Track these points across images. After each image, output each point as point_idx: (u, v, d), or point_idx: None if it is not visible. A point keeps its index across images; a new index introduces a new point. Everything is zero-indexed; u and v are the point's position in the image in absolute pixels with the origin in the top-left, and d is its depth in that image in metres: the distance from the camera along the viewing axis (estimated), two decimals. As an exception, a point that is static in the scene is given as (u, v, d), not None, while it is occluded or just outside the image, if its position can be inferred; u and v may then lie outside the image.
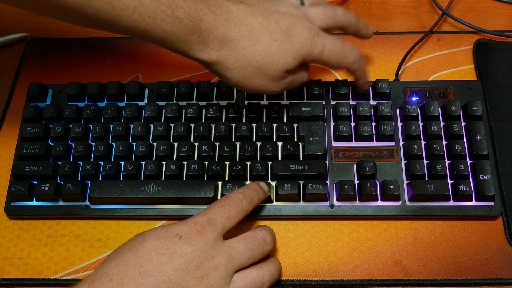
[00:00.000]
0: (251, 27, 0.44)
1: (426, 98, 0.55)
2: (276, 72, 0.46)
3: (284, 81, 0.47)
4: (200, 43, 0.43)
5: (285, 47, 0.45)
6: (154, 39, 0.42)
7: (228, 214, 0.43)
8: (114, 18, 0.40)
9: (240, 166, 0.51)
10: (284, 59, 0.45)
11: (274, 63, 0.45)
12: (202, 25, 0.42)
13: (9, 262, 0.50)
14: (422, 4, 0.66)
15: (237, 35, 0.43)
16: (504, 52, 0.60)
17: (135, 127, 0.54)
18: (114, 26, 0.41)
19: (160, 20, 0.40)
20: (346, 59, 0.49)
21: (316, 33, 0.46)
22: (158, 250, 0.39)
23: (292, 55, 0.45)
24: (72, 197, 0.51)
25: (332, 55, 0.47)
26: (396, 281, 0.48)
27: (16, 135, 0.56)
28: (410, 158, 0.52)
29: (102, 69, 0.62)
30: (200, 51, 0.43)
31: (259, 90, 0.47)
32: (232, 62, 0.44)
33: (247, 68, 0.45)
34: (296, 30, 0.45)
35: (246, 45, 0.44)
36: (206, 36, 0.42)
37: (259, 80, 0.46)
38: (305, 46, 0.46)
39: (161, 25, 0.41)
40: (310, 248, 0.50)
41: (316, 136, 0.52)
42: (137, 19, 0.40)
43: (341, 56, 0.48)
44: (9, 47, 0.64)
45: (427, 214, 0.50)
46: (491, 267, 0.49)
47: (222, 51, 0.44)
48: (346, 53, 0.48)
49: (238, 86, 0.46)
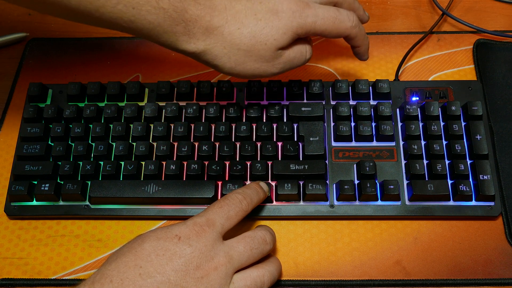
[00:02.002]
0: (235, 11, 0.43)
1: (426, 98, 0.55)
2: (267, 52, 0.44)
3: (280, 60, 0.46)
4: (186, 34, 0.42)
5: (272, 24, 0.44)
6: (140, 30, 0.42)
7: (228, 214, 0.43)
8: (99, 9, 0.39)
9: (240, 166, 0.51)
10: (272, 37, 0.44)
11: (262, 43, 0.44)
12: (187, 16, 0.41)
13: (9, 262, 0.50)
14: (422, 4, 0.66)
15: (222, 21, 0.43)
16: (504, 52, 0.60)
17: (135, 127, 0.54)
18: (99, 18, 0.40)
19: (145, 11, 0.40)
20: (344, 25, 0.46)
21: (305, 5, 0.45)
22: (157, 251, 0.39)
23: (280, 31, 0.44)
24: (72, 197, 0.51)
25: (328, 23, 0.46)
26: (396, 281, 0.48)
27: (16, 135, 0.56)
28: (410, 158, 0.52)
29: (102, 69, 0.62)
30: (186, 42, 0.43)
31: (256, 74, 0.46)
32: (220, 50, 0.43)
33: (237, 53, 0.44)
34: (283, 6, 0.44)
35: (231, 30, 0.43)
36: (192, 26, 0.42)
37: (252, 64, 0.45)
38: (293, 19, 0.44)
39: (146, 16, 0.40)
40: (310, 248, 0.50)
41: (316, 136, 0.52)
42: (122, 10, 0.40)
43: (337, 22, 0.46)
44: (9, 47, 0.64)
45: (427, 214, 0.50)
46: (491, 267, 0.49)
47: (209, 40, 0.43)
48: (343, 18, 0.46)
49: (233, 73, 0.45)
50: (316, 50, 0.62)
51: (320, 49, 0.62)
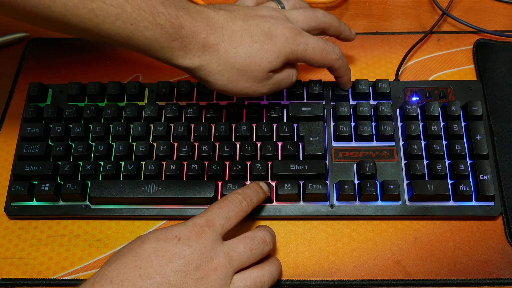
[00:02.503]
0: (231, 31, 0.44)
1: (426, 98, 0.55)
2: (259, 73, 0.46)
3: (269, 81, 0.47)
4: (182, 49, 0.43)
5: (267, 47, 0.45)
6: (138, 46, 0.42)
7: (227, 215, 0.43)
8: (98, 26, 0.40)
9: (240, 166, 0.51)
10: (266, 59, 0.45)
11: (256, 64, 0.45)
12: (183, 32, 0.42)
13: (9, 262, 0.50)
14: (422, 4, 0.66)
15: (218, 39, 0.44)
16: (504, 52, 0.60)
17: (135, 127, 0.54)
18: (97, 34, 0.41)
19: (143, 27, 0.41)
20: (329, 56, 0.49)
21: (298, 32, 0.47)
22: (157, 252, 0.39)
23: (274, 54, 0.45)
24: (72, 197, 0.51)
25: (316, 53, 0.48)
26: (396, 281, 0.48)
27: (16, 135, 0.56)
28: (410, 158, 0.52)
29: (102, 69, 0.62)
30: (182, 58, 0.44)
31: (245, 93, 0.47)
32: (214, 67, 0.44)
33: (230, 71, 0.45)
34: (277, 31, 0.46)
35: (227, 49, 0.44)
36: (188, 42, 0.43)
37: (244, 83, 0.46)
38: (287, 45, 0.46)
39: (143, 32, 0.41)
40: (310, 248, 0.50)
41: (316, 136, 0.52)
42: (120, 26, 0.40)
43: (324, 53, 0.48)
44: (9, 47, 0.64)
45: (427, 214, 0.50)
46: (491, 267, 0.49)
47: (204, 56, 0.44)
48: (329, 50, 0.49)
49: (224, 90, 0.46)
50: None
51: (320, 49, 0.62)
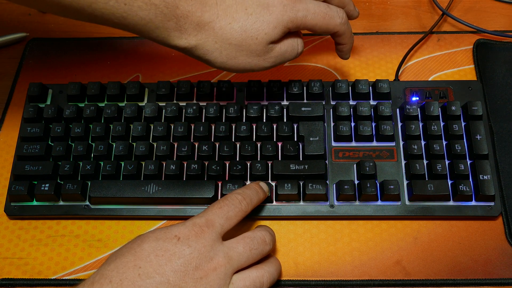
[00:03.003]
0: (226, 6, 0.43)
1: (426, 98, 0.55)
2: (258, 46, 0.44)
3: (271, 54, 0.46)
4: (177, 30, 0.42)
5: (262, 18, 0.44)
6: (132, 27, 0.42)
7: (227, 215, 0.43)
8: (91, 5, 0.40)
9: (240, 166, 0.51)
10: (263, 31, 0.44)
11: (253, 37, 0.44)
12: (178, 11, 0.42)
13: (9, 262, 0.50)
14: (422, 4, 0.66)
15: (212, 16, 0.43)
16: (504, 52, 0.60)
17: (135, 127, 0.54)
18: (91, 14, 0.41)
19: (137, 7, 0.41)
20: (333, 21, 0.47)
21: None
22: (156, 251, 0.39)
23: (271, 25, 0.44)
24: (72, 197, 0.51)
25: (318, 18, 0.46)
26: (396, 281, 0.48)
27: (16, 135, 0.56)
28: (410, 158, 0.52)
29: (102, 69, 0.62)
30: (178, 38, 0.43)
31: (247, 69, 0.46)
32: (211, 44, 0.44)
33: (228, 48, 0.44)
34: (274, 0, 0.44)
35: (222, 25, 0.43)
36: (183, 22, 0.42)
37: (244, 58, 0.45)
38: (285, 13, 0.44)
39: (137, 12, 0.41)
40: (310, 248, 0.50)
41: (316, 136, 0.52)
42: (114, 6, 0.40)
43: (327, 18, 0.46)
44: (9, 47, 0.64)
45: (427, 214, 0.50)
46: (491, 267, 0.49)
47: (200, 35, 0.43)
48: (333, 15, 0.47)
49: (225, 67, 0.45)
50: (316, 50, 0.62)
51: (320, 49, 0.62)
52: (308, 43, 0.62)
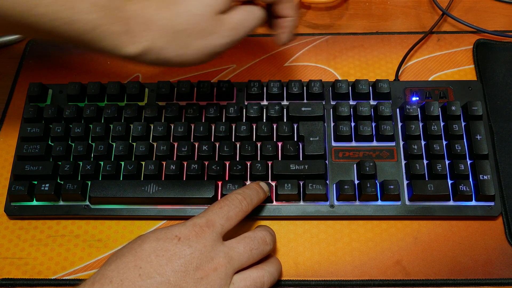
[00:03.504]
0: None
1: (426, 98, 0.55)
2: (206, 22, 0.41)
3: (225, 27, 0.42)
4: (126, 33, 0.40)
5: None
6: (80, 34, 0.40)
7: (227, 215, 0.43)
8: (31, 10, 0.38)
9: (240, 166, 0.51)
10: (203, 2, 0.41)
11: (197, 14, 0.41)
12: (125, 13, 0.40)
13: (9, 262, 0.50)
14: (422, 4, 0.66)
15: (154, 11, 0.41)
16: (504, 52, 0.60)
17: (135, 127, 0.54)
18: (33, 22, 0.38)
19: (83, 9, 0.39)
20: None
21: None
22: (157, 252, 0.39)
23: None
24: (72, 197, 0.51)
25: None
26: (396, 281, 0.48)
27: (16, 135, 0.56)
28: (410, 158, 0.52)
29: (102, 69, 0.61)
30: (130, 43, 0.41)
31: (208, 52, 0.42)
32: (161, 40, 0.41)
33: (178, 36, 0.41)
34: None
35: (165, 15, 0.41)
36: (133, 23, 0.40)
37: (198, 42, 0.41)
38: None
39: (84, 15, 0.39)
40: (310, 248, 0.50)
41: (316, 136, 0.52)
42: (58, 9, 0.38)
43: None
44: (9, 47, 0.64)
45: (427, 214, 0.50)
46: (491, 267, 0.49)
47: (148, 34, 0.41)
48: None
49: (184, 61, 0.42)
50: (316, 50, 0.62)
51: (320, 49, 0.62)
52: (308, 43, 0.62)
